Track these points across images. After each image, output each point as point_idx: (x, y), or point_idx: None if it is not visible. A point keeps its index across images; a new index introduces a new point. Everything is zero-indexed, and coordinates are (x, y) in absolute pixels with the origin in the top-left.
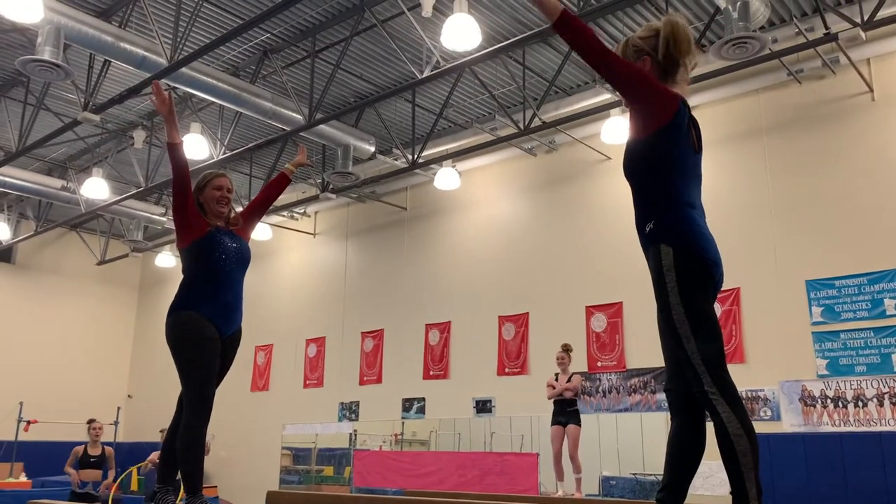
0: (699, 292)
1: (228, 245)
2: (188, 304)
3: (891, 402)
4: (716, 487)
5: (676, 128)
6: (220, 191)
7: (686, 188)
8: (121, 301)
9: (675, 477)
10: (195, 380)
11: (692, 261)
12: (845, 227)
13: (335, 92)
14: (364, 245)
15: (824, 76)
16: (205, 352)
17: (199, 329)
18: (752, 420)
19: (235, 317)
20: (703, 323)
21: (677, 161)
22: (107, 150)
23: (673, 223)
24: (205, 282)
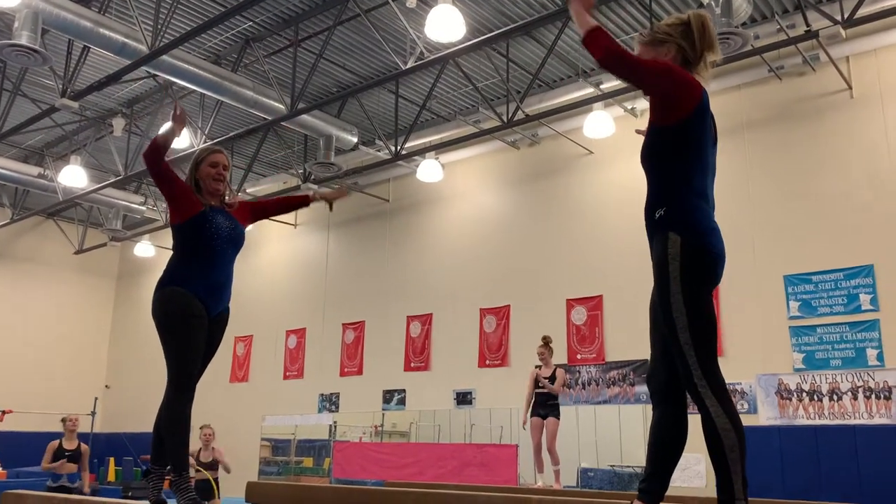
0: (700, 284)
1: (221, 224)
2: (176, 280)
3: (865, 396)
4: (692, 479)
5: (700, 116)
6: (215, 168)
7: (702, 179)
8: (99, 291)
9: (657, 467)
10: (178, 356)
11: (698, 252)
12: (823, 222)
13: (317, 82)
14: (345, 236)
15: (804, 73)
16: (190, 328)
17: (186, 305)
18: None
19: (224, 295)
20: (700, 315)
21: (698, 151)
22: (85, 138)
23: (684, 213)
24: (195, 259)
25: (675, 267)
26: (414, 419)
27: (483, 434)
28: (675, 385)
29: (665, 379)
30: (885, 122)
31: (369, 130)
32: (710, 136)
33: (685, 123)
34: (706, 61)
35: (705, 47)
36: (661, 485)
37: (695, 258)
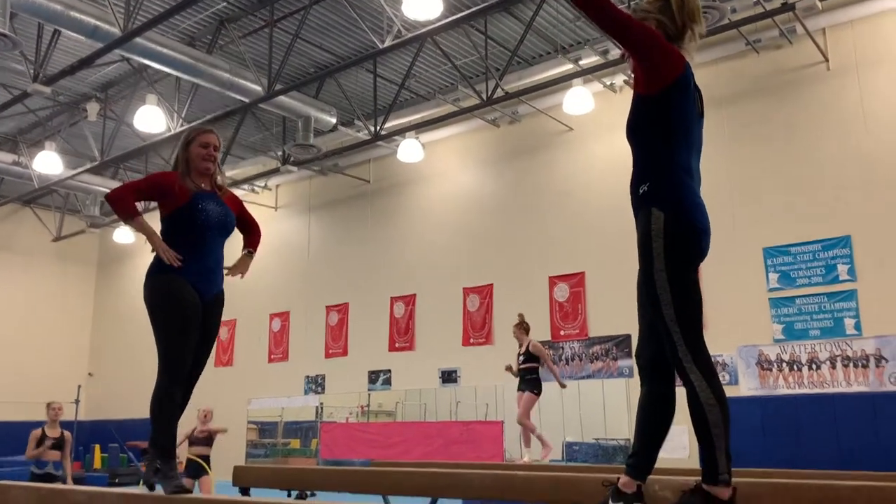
0: (685, 260)
1: (212, 210)
2: (167, 267)
3: (843, 365)
4: (676, 451)
5: (684, 87)
6: (206, 148)
7: (687, 153)
8: (79, 278)
9: (645, 443)
10: (168, 342)
11: (682, 228)
12: (801, 194)
13: (294, 62)
14: (327, 219)
15: (781, 46)
16: (182, 315)
17: (178, 292)
18: None
19: (216, 279)
20: (685, 291)
21: (682, 124)
22: (59, 124)
23: (668, 188)
24: (185, 246)
25: (658, 244)
26: (400, 399)
27: (469, 411)
28: (662, 362)
29: (650, 355)
30: (860, 94)
31: (348, 111)
32: (696, 111)
33: (667, 93)
34: (693, 33)
35: (686, 19)
36: (649, 461)
37: (678, 234)
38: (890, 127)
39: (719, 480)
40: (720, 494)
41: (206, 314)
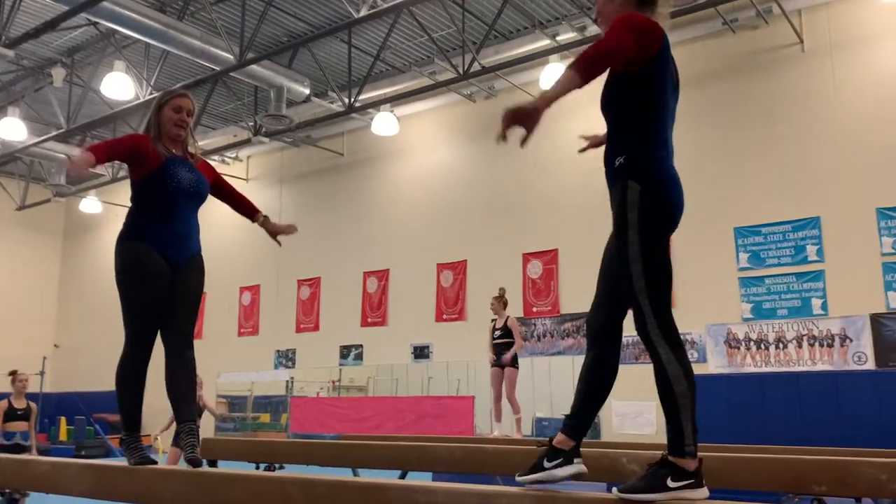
0: (659, 233)
1: (182, 176)
2: (135, 235)
3: (809, 344)
4: (644, 426)
5: (663, 61)
6: (178, 113)
7: (664, 126)
8: (44, 247)
9: (585, 406)
10: (130, 312)
11: (657, 201)
12: (773, 175)
13: (267, 30)
14: (299, 191)
15: (757, 26)
16: (144, 285)
17: (143, 261)
18: None
19: (189, 244)
20: (656, 264)
21: (660, 97)
22: (23, 89)
23: (644, 161)
24: (154, 211)
25: (633, 215)
26: (372, 374)
27: (440, 387)
28: (611, 330)
29: (602, 324)
30: (833, 76)
31: (322, 82)
32: (672, 81)
33: (647, 68)
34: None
35: None
36: (586, 423)
37: (654, 207)
38: (861, 110)
39: (685, 452)
40: (686, 465)
41: (180, 278)
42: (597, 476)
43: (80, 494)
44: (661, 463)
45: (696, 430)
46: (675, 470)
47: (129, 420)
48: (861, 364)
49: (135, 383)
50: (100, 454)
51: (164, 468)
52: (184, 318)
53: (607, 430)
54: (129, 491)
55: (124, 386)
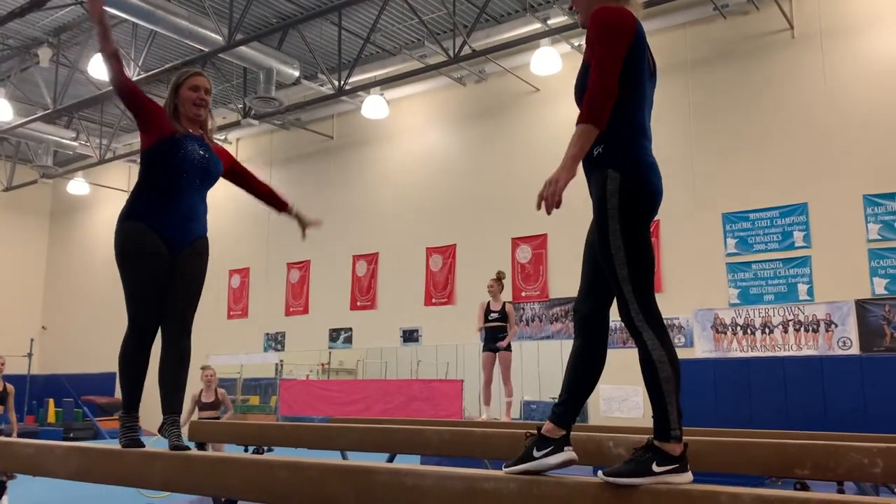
0: (639, 221)
1: (194, 152)
2: (135, 214)
3: (795, 329)
4: (631, 410)
5: (638, 49)
6: (196, 91)
7: (641, 114)
8: (31, 229)
9: (574, 394)
10: (129, 293)
11: (637, 189)
12: (761, 161)
13: (256, 11)
14: (289, 174)
15: (748, 12)
16: (142, 265)
17: (140, 242)
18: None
19: (192, 227)
20: (638, 251)
21: (636, 86)
22: (9, 69)
23: (622, 149)
24: (159, 187)
25: (613, 203)
26: (361, 357)
27: (429, 370)
28: (598, 317)
29: (588, 311)
30: (823, 63)
31: (311, 64)
32: (648, 69)
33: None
34: None
35: None
36: (575, 411)
37: (634, 195)
38: (849, 97)
39: (671, 436)
40: (671, 450)
41: (180, 263)
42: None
43: (67, 477)
44: (647, 447)
45: (681, 414)
46: (661, 454)
47: (127, 400)
48: (846, 349)
49: (135, 364)
50: (88, 436)
51: (152, 451)
52: (182, 305)
53: (594, 413)
54: (116, 473)
55: (124, 366)
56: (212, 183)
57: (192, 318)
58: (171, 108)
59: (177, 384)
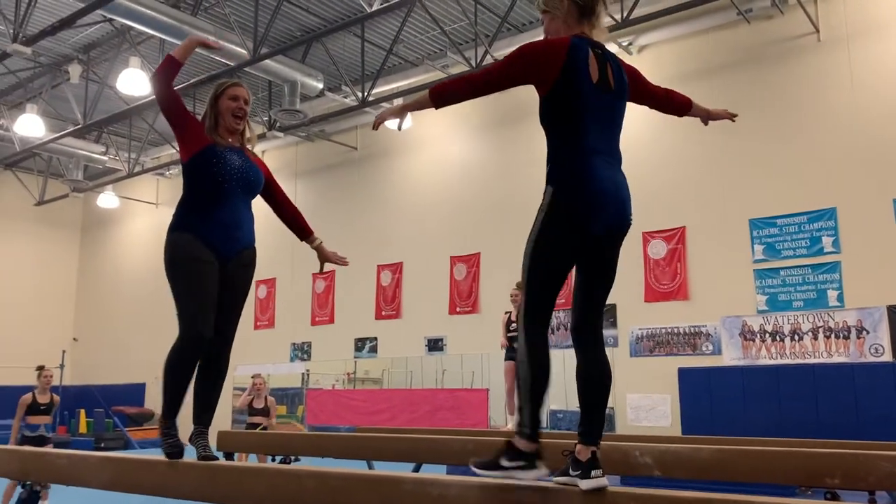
0: (555, 237)
1: (233, 162)
2: (181, 225)
3: (825, 336)
4: (659, 419)
5: (572, 75)
6: (235, 101)
7: (585, 134)
8: (63, 242)
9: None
10: (179, 303)
11: (562, 206)
12: (788, 166)
13: (281, 25)
14: (314, 185)
15: (772, 16)
16: (193, 275)
17: (190, 251)
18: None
19: (238, 235)
20: (540, 263)
21: (577, 108)
22: (40, 86)
23: (560, 167)
24: (201, 198)
25: (539, 216)
26: (386, 366)
27: (454, 379)
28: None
29: (574, 325)
30: (850, 66)
31: (335, 76)
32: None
33: (555, 89)
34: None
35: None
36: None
37: (559, 211)
38: (878, 100)
39: (521, 433)
40: (522, 447)
41: (229, 274)
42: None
43: (100, 486)
44: (506, 443)
45: (535, 417)
46: (512, 451)
47: (170, 408)
48: (878, 356)
49: (184, 374)
50: (118, 446)
51: (182, 461)
52: (228, 317)
53: (622, 422)
54: (147, 483)
55: (172, 374)
56: (255, 192)
57: (234, 331)
58: (212, 120)
59: (212, 397)
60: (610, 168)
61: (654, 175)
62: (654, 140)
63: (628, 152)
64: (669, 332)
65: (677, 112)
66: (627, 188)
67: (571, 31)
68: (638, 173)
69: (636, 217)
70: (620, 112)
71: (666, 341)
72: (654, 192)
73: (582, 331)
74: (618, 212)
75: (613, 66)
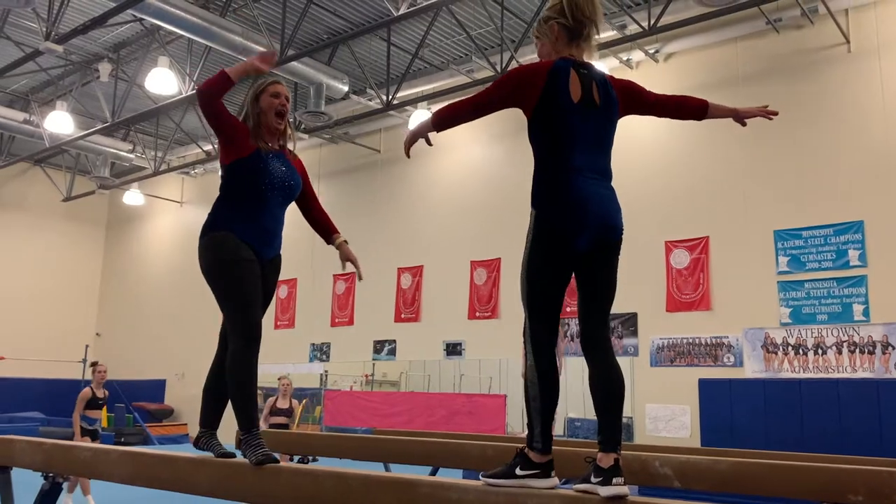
0: (545, 256)
1: (276, 168)
2: (222, 225)
3: (849, 350)
4: (678, 430)
5: (553, 93)
6: (277, 98)
7: (572, 152)
8: (88, 238)
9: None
10: (236, 303)
11: (545, 225)
12: (815, 178)
13: (308, 28)
14: (337, 187)
15: (802, 26)
16: (243, 273)
17: (235, 250)
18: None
19: (274, 241)
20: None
21: (560, 128)
22: (71, 83)
23: (541, 188)
24: (242, 202)
25: (528, 239)
26: (404, 369)
27: (472, 384)
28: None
29: (582, 337)
30: (881, 78)
31: (360, 79)
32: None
33: (539, 110)
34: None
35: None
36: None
37: (542, 234)
38: None
39: (533, 447)
40: (535, 458)
41: (265, 278)
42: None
43: (120, 480)
44: (517, 454)
45: (546, 432)
46: (525, 461)
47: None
48: None
49: (252, 378)
50: (138, 441)
51: (201, 457)
52: None
53: (640, 433)
54: (166, 478)
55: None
56: (292, 199)
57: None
58: (254, 119)
59: (224, 400)
60: (594, 183)
61: (678, 184)
62: (677, 148)
63: (652, 161)
64: (691, 342)
65: (694, 116)
66: (616, 202)
67: (561, 54)
68: (661, 182)
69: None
70: (608, 128)
71: (687, 352)
72: (677, 200)
73: (589, 341)
74: (603, 226)
75: (599, 83)
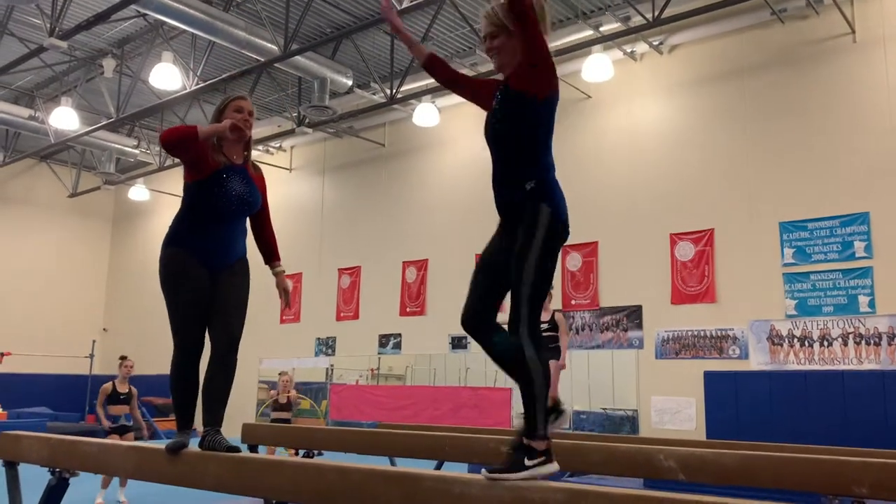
0: (553, 251)
1: (233, 187)
2: (175, 241)
3: (855, 342)
4: (683, 422)
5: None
6: (240, 113)
7: (550, 151)
8: (94, 234)
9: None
10: (172, 316)
11: (558, 223)
12: (821, 169)
13: (311, 22)
14: (341, 181)
15: (807, 16)
16: (182, 291)
17: (181, 266)
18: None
19: (231, 251)
20: (545, 277)
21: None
22: (75, 79)
23: (550, 185)
24: (199, 219)
25: (541, 233)
26: (410, 363)
27: (478, 378)
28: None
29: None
30: (886, 68)
31: (364, 73)
32: None
33: (551, 96)
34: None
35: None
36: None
37: (555, 229)
38: None
39: (537, 436)
40: (538, 446)
41: (223, 281)
42: (634, 472)
43: (126, 475)
44: (519, 446)
45: (547, 416)
46: (530, 451)
47: (178, 417)
48: None
49: (184, 384)
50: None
51: (206, 452)
52: (229, 319)
53: (645, 425)
54: (172, 473)
55: (173, 388)
56: (251, 213)
57: (240, 332)
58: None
59: (221, 398)
60: None
61: (683, 175)
62: (682, 141)
63: (658, 152)
64: (696, 334)
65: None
66: None
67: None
68: (667, 174)
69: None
70: None
71: (692, 344)
72: (682, 193)
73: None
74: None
75: None
